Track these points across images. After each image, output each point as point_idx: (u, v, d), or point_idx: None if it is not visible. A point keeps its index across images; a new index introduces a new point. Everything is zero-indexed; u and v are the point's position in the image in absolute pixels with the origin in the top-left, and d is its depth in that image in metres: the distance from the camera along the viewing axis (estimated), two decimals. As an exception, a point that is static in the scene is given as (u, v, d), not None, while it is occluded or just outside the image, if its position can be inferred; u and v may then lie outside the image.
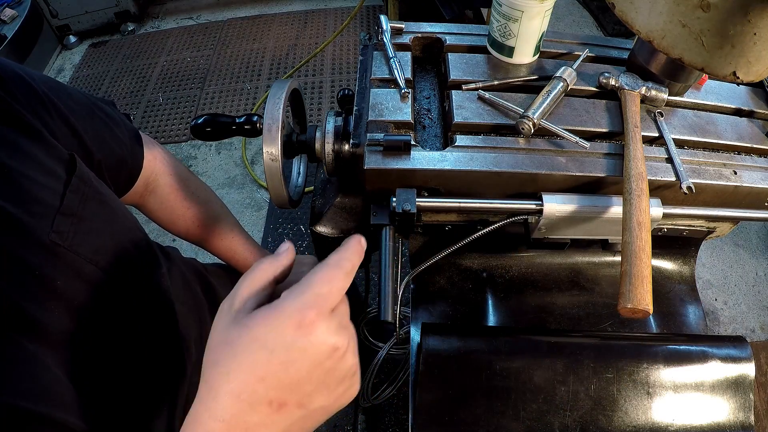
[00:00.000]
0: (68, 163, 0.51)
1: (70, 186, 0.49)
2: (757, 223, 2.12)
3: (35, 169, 0.47)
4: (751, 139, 0.71)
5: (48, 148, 0.49)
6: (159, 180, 0.76)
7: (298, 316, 0.35)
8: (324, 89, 2.69)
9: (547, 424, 0.61)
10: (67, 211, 0.48)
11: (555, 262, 0.80)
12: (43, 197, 0.46)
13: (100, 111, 0.62)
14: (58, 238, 0.46)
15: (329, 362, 0.36)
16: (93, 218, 0.52)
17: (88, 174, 0.53)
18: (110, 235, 0.55)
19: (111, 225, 0.56)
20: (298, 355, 0.35)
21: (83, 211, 0.50)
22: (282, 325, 0.35)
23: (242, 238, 0.90)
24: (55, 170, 0.49)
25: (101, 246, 0.52)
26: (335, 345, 0.36)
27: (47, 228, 0.45)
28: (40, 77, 0.55)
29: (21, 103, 0.49)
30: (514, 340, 0.66)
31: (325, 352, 0.36)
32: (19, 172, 0.45)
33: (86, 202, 0.51)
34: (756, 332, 1.85)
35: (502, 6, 0.70)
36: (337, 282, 0.37)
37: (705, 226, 0.76)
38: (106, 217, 0.55)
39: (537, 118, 0.64)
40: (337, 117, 0.71)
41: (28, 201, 0.45)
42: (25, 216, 0.44)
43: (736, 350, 0.65)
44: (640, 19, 0.64)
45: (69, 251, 0.47)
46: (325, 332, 0.35)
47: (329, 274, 0.37)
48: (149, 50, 3.00)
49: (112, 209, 0.56)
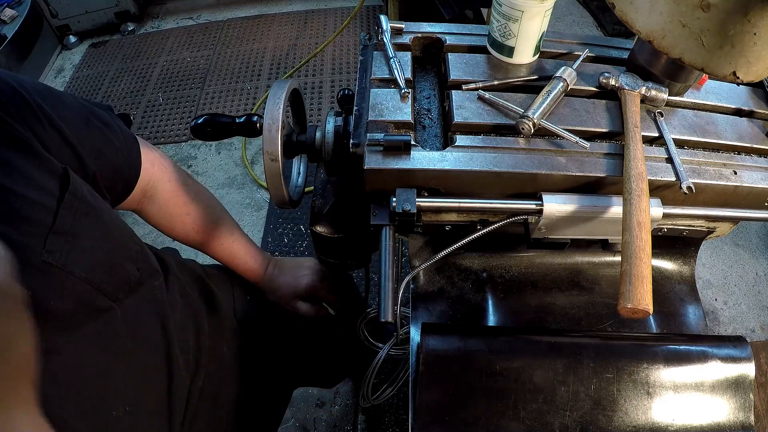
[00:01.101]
0: (61, 177, 0.50)
1: (63, 203, 0.48)
2: (757, 223, 2.12)
3: (26, 185, 0.46)
4: (751, 139, 0.71)
5: (40, 163, 0.48)
6: (157, 186, 0.75)
7: None
8: (324, 89, 2.69)
9: (547, 424, 0.61)
10: (60, 229, 0.47)
11: (555, 262, 0.80)
12: (35, 215, 0.45)
13: (96, 118, 0.61)
14: (50, 257, 0.45)
15: None
16: (87, 235, 0.50)
17: (82, 189, 0.52)
18: (104, 253, 0.54)
19: (105, 242, 0.54)
20: None
21: (77, 228, 0.49)
22: None
23: (242, 241, 0.89)
24: (47, 186, 0.48)
25: (95, 264, 0.51)
26: None
27: (39, 247, 0.44)
28: (33, 86, 0.53)
29: (12, 115, 0.48)
30: (514, 340, 0.66)
31: None
32: (9, 189, 0.44)
33: (80, 219, 0.50)
34: (756, 332, 1.85)
35: (502, 6, 0.70)
36: None
37: (705, 226, 0.76)
38: (100, 233, 0.54)
39: (537, 118, 0.64)
40: (337, 117, 0.71)
41: (19, 220, 0.44)
42: (15, 235, 0.43)
43: (736, 350, 0.65)
44: (640, 19, 0.64)
45: (62, 270, 0.46)
46: None
47: None
48: (149, 50, 3.00)
49: (105, 224, 0.55)
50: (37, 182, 0.47)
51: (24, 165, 0.47)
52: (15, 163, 0.46)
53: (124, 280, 0.57)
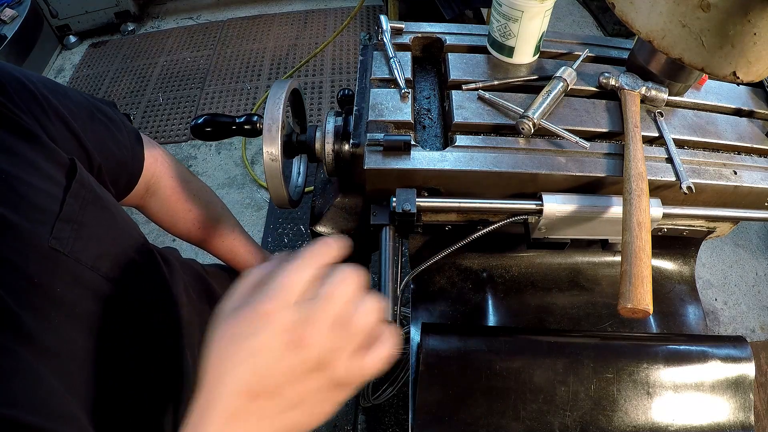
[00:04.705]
0: (68, 167, 0.50)
1: (70, 191, 0.48)
2: (757, 223, 2.12)
3: (33, 174, 0.46)
4: (751, 139, 0.71)
5: (47, 153, 0.49)
6: (160, 182, 0.75)
7: (260, 307, 0.37)
8: (324, 89, 2.69)
9: (547, 424, 0.61)
10: (67, 217, 0.47)
11: (555, 262, 0.80)
12: (42, 203, 0.46)
13: (101, 113, 0.62)
14: (57, 244, 0.45)
15: (290, 353, 0.36)
16: (93, 224, 0.51)
17: (89, 178, 0.53)
18: (111, 241, 0.54)
19: (112, 230, 0.55)
20: (258, 346, 0.36)
21: (83, 216, 0.49)
22: (245, 315, 0.37)
23: (243, 239, 0.90)
24: (54, 175, 0.48)
25: (102, 252, 0.52)
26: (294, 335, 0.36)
27: (46, 234, 0.45)
28: (39, 79, 0.54)
29: (19, 106, 0.48)
30: (514, 340, 0.66)
31: (283, 342, 0.36)
32: (17, 177, 0.44)
33: (86, 208, 0.50)
34: (756, 332, 1.85)
35: (502, 6, 0.70)
36: (298, 275, 0.39)
37: (705, 226, 0.76)
38: (107, 222, 0.54)
39: (537, 118, 0.64)
40: (337, 117, 0.71)
41: (27, 207, 0.44)
42: (23, 222, 0.43)
43: (736, 350, 0.65)
44: (640, 19, 0.64)
45: (69, 258, 0.46)
46: (281, 322, 0.36)
47: (293, 267, 0.39)
48: (149, 50, 3.00)
49: (112, 214, 0.56)
50: (44, 171, 0.47)
51: (31, 154, 0.47)
52: (22, 152, 0.46)
53: (131, 269, 0.57)
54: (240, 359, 0.36)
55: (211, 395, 0.36)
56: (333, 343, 0.38)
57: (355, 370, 0.39)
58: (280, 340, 0.36)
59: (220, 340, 0.37)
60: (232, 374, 0.36)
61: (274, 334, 0.36)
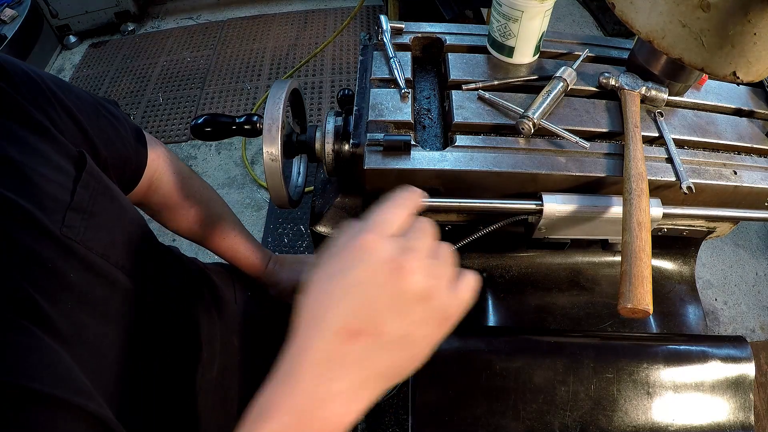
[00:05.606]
0: (77, 159, 0.51)
1: (80, 182, 0.49)
2: (757, 223, 2.12)
3: (44, 165, 0.47)
4: (751, 139, 0.71)
5: (56, 145, 0.49)
6: (162, 179, 0.76)
7: (358, 240, 0.36)
8: (324, 89, 2.69)
9: (547, 424, 0.61)
10: (77, 206, 0.48)
11: (555, 262, 0.80)
12: (54, 192, 0.46)
13: (105, 110, 0.62)
14: (69, 232, 0.46)
15: (393, 281, 0.35)
16: (103, 214, 0.52)
17: (98, 170, 0.53)
18: (121, 231, 0.55)
19: (121, 221, 0.56)
20: (358, 277, 0.35)
21: (93, 206, 0.50)
22: (342, 251, 0.37)
23: (244, 237, 0.90)
24: (64, 166, 0.49)
25: (112, 241, 0.52)
26: (395, 263, 0.35)
27: (59, 223, 0.45)
28: (47, 75, 0.55)
29: (29, 100, 0.49)
30: (514, 340, 0.66)
31: (384, 271, 0.35)
32: (27, 165, 0.45)
33: (96, 198, 0.51)
34: (756, 332, 1.85)
35: (502, 6, 0.70)
36: (392, 212, 0.39)
37: (705, 226, 0.76)
38: (116, 212, 0.55)
39: (537, 118, 0.64)
40: (337, 117, 0.71)
41: (40, 196, 0.45)
42: (37, 210, 0.44)
43: (736, 350, 0.65)
44: (640, 19, 0.64)
45: (81, 246, 0.47)
46: (381, 251, 0.36)
47: (385, 207, 0.40)
48: (149, 50, 3.00)
49: (121, 205, 0.56)
50: (55, 162, 0.48)
51: (41, 146, 0.48)
52: (32, 144, 0.47)
53: (141, 259, 0.57)
54: (340, 294, 0.35)
55: (306, 339, 0.34)
56: (432, 270, 0.37)
57: (454, 299, 0.38)
58: (382, 269, 0.35)
59: (317, 282, 0.36)
60: (331, 312, 0.34)
61: (375, 264, 0.35)
